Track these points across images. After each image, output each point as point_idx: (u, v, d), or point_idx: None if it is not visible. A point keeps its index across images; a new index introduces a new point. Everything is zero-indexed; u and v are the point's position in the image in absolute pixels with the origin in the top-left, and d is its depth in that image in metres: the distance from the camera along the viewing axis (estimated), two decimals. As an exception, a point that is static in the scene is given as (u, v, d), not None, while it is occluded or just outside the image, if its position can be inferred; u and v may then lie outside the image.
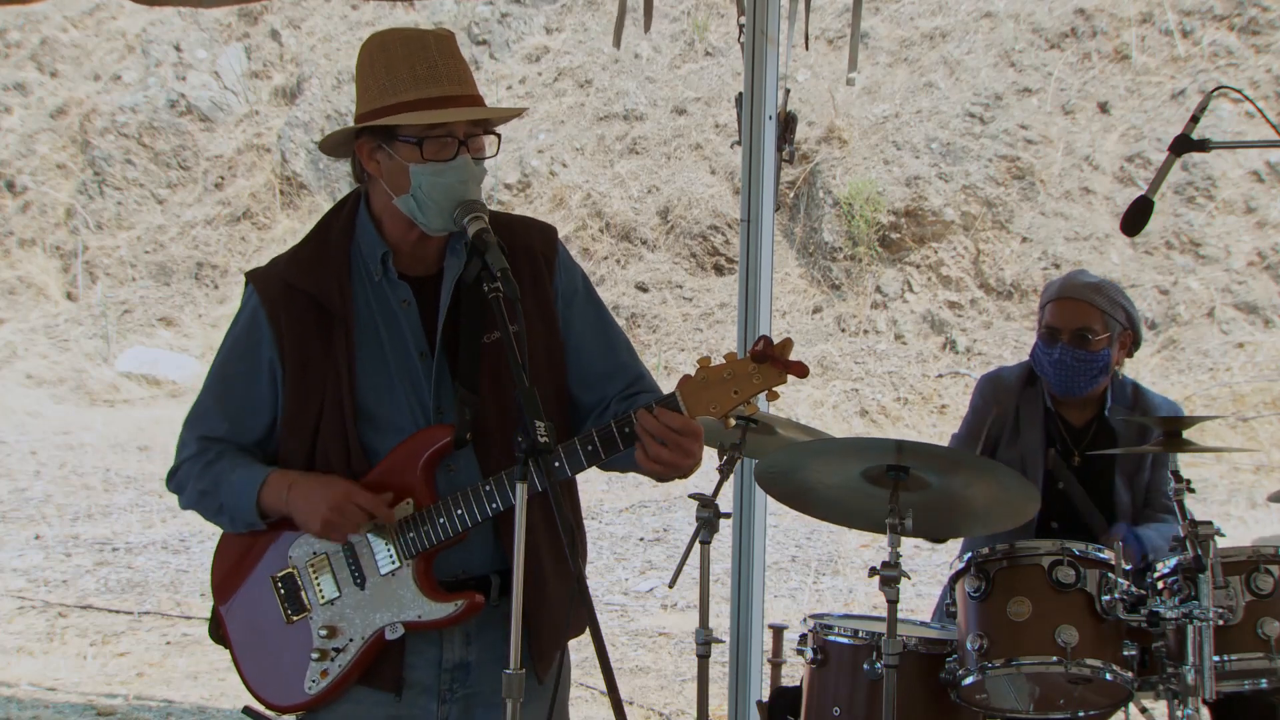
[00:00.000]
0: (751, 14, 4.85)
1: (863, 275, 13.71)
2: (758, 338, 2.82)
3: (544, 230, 3.10)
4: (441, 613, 2.90)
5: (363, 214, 3.00)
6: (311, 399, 2.94)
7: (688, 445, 2.80)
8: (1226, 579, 3.65)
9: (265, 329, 2.96)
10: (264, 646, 3.00)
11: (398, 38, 2.90)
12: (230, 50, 17.68)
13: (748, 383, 2.79)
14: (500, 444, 2.93)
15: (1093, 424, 4.46)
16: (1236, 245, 12.89)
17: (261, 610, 3.00)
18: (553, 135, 15.59)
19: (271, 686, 3.00)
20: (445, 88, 2.85)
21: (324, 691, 2.94)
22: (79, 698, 6.81)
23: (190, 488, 3.03)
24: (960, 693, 3.74)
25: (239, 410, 3.00)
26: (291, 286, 2.96)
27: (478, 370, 2.93)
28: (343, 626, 2.94)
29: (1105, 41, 14.24)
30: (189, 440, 3.04)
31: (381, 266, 2.97)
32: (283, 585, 2.98)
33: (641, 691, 6.88)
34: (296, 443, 2.96)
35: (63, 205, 17.10)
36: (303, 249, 3.04)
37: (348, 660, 2.93)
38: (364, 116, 2.90)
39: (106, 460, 12.13)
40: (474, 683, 2.99)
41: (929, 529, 4.00)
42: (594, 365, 3.07)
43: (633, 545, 9.42)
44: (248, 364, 2.99)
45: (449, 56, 2.89)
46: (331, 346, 2.94)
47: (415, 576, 2.91)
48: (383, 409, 2.94)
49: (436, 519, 2.89)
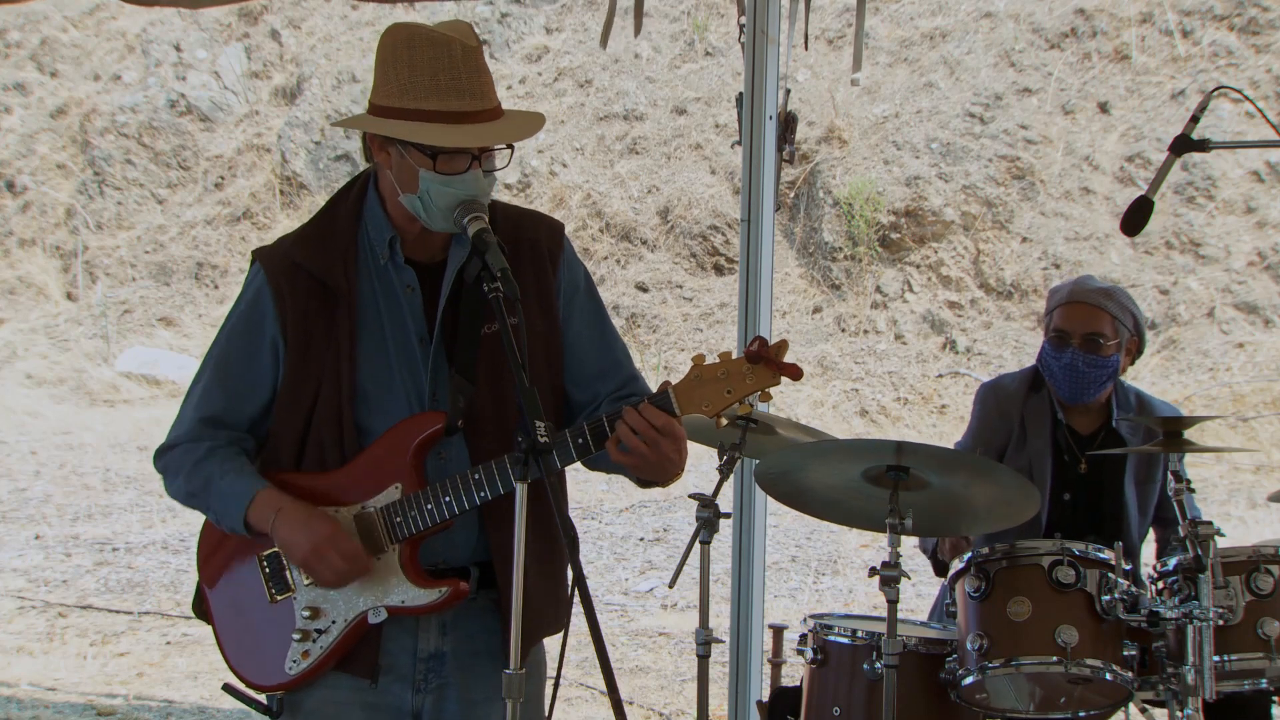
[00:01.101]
0: (751, 14, 4.85)
1: (863, 275, 13.71)
2: (753, 338, 2.82)
3: (552, 225, 3.10)
4: (426, 599, 2.90)
5: (371, 196, 3.01)
6: (310, 377, 2.94)
7: (665, 446, 2.81)
8: (1226, 579, 3.65)
9: (269, 306, 2.96)
10: (246, 624, 3.01)
11: (425, 38, 2.85)
12: (230, 50, 17.68)
13: (741, 383, 2.80)
14: (492, 433, 2.93)
15: (1100, 432, 4.43)
16: (1236, 245, 12.89)
17: (246, 588, 3.00)
18: (553, 135, 15.60)
19: (252, 664, 3.01)
20: (466, 102, 2.82)
21: (304, 672, 2.95)
22: (79, 698, 6.81)
23: (179, 482, 3.02)
24: (960, 693, 3.74)
25: (238, 388, 3.00)
26: (297, 265, 2.97)
27: (475, 359, 2.94)
28: (326, 608, 2.94)
29: (1105, 41, 14.24)
30: (186, 418, 3.03)
31: (389, 249, 2.97)
32: (268, 564, 2.98)
33: (641, 691, 6.88)
34: (291, 420, 2.97)
35: (63, 205, 17.10)
36: (310, 228, 3.05)
37: (329, 642, 2.93)
38: (379, 108, 2.88)
39: (106, 460, 12.14)
40: (448, 673, 2.99)
41: (929, 529, 4.00)
42: (589, 363, 3.07)
43: (633, 545, 9.42)
44: (250, 341, 2.99)
45: (473, 70, 2.84)
46: (334, 326, 2.94)
47: (401, 561, 2.91)
48: (379, 391, 2.95)
49: (424, 505, 2.89)
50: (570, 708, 6.51)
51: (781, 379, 2.80)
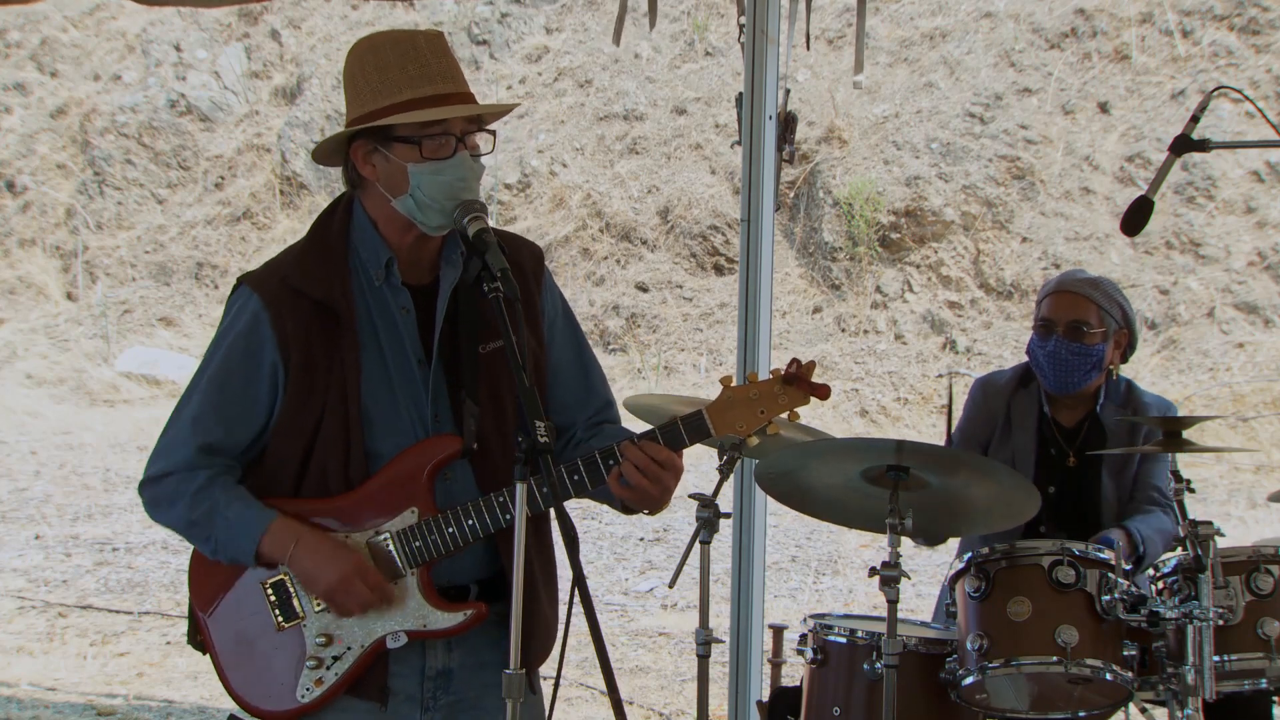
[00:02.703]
0: (751, 14, 4.84)
1: (863, 275, 13.71)
2: (790, 360, 2.89)
3: (533, 249, 3.10)
4: (449, 622, 2.90)
5: (359, 218, 2.98)
6: (314, 402, 2.91)
7: (665, 479, 2.85)
8: (1226, 579, 3.65)
9: (268, 331, 2.91)
10: (251, 653, 2.95)
11: (386, 39, 2.88)
12: (230, 50, 17.68)
13: (774, 403, 2.87)
14: (497, 455, 2.93)
15: (1084, 423, 4.43)
16: (1236, 245, 12.90)
17: (249, 616, 2.95)
18: (553, 135, 15.60)
19: (260, 694, 2.95)
20: (439, 85, 2.84)
21: (317, 700, 2.91)
22: (79, 698, 6.81)
23: (178, 510, 2.95)
24: (960, 693, 3.74)
25: (235, 415, 2.95)
26: (296, 291, 2.93)
27: (476, 381, 2.93)
28: (340, 634, 2.91)
29: (1105, 41, 14.25)
30: (180, 446, 2.95)
31: (385, 271, 2.95)
32: (273, 591, 2.93)
33: (641, 691, 6.88)
34: (291, 446, 2.93)
35: (63, 205, 17.10)
36: (302, 252, 3.01)
37: (344, 668, 2.91)
38: (357, 120, 2.88)
39: (106, 460, 12.14)
40: (456, 689, 2.99)
41: (928, 530, 4.00)
42: (568, 390, 3.08)
43: (633, 545, 9.43)
44: (247, 369, 2.93)
45: (440, 55, 2.87)
46: (336, 350, 2.91)
47: (420, 585, 2.90)
48: (384, 415, 2.93)
49: (445, 528, 2.87)
50: (570, 708, 6.50)
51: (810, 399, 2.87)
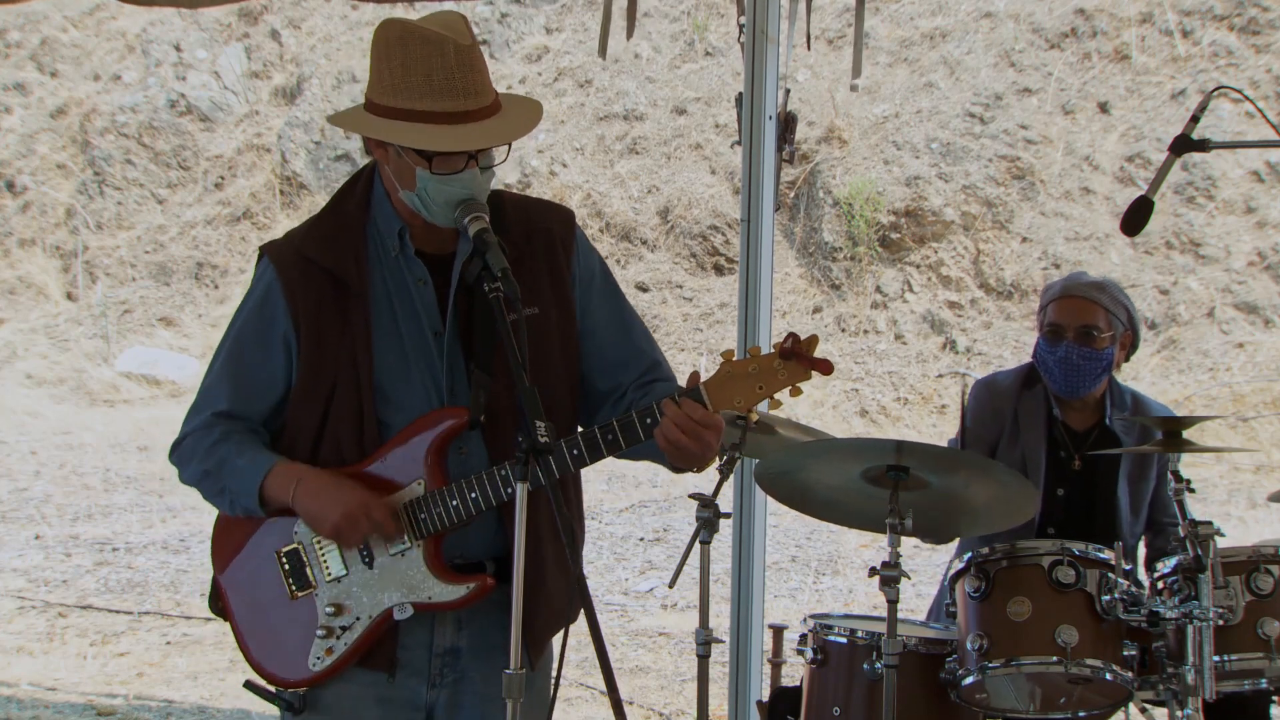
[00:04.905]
0: (751, 14, 4.84)
1: (863, 275, 13.71)
2: (786, 334, 2.80)
3: (562, 214, 3.09)
4: (453, 595, 2.90)
5: (378, 188, 2.99)
6: (325, 373, 2.92)
7: (708, 438, 2.81)
8: (1226, 579, 3.65)
9: (280, 301, 2.94)
10: (266, 621, 2.99)
11: (418, 36, 2.81)
12: (230, 50, 17.68)
13: (773, 378, 2.79)
14: (511, 427, 2.90)
15: (1094, 429, 4.43)
16: (1236, 245, 12.89)
17: (264, 585, 2.99)
18: (553, 135, 15.60)
19: (276, 661, 2.99)
20: (460, 102, 2.80)
21: (328, 669, 2.94)
22: (79, 698, 6.81)
23: (194, 465, 3.00)
24: (960, 693, 3.74)
25: (251, 384, 2.98)
26: (308, 260, 2.95)
27: (493, 353, 2.91)
28: (350, 604, 2.93)
29: (1105, 41, 14.24)
30: (202, 409, 3.01)
31: (399, 241, 2.96)
32: (287, 560, 2.96)
33: (641, 691, 6.87)
34: (307, 416, 2.95)
35: (63, 205, 17.10)
36: (319, 222, 3.03)
37: (353, 639, 2.93)
38: (375, 105, 2.86)
39: (106, 460, 12.13)
40: (463, 668, 2.99)
41: (929, 530, 3.99)
42: (611, 352, 3.05)
43: (633, 545, 9.42)
44: (261, 338, 2.97)
45: (467, 68, 2.81)
46: (348, 320, 2.92)
47: (426, 558, 2.90)
48: (396, 386, 2.93)
49: (449, 501, 2.87)
50: (570, 708, 6.50)
51: (813, 374, 2.79)
